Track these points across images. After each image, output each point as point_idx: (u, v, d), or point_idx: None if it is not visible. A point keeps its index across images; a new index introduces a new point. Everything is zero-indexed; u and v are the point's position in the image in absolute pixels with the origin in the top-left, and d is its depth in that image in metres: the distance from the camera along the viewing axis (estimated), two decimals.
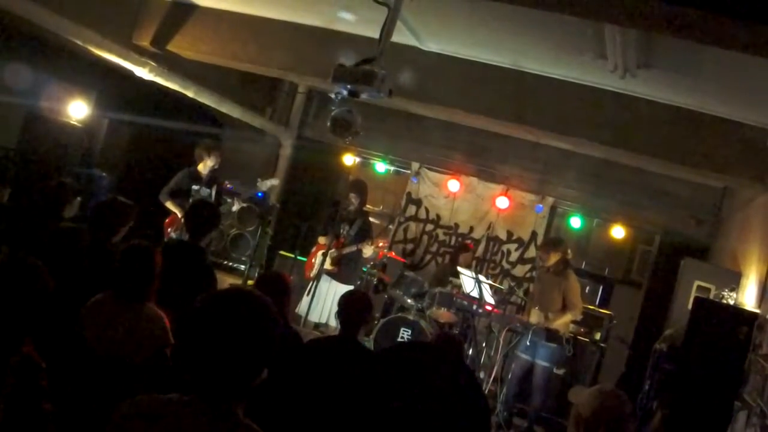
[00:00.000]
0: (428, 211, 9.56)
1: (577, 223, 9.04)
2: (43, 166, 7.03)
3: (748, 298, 5.80)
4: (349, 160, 9.72)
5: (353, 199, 7.16)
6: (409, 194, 9.63)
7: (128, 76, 7.12)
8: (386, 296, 8.14)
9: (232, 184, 8.39)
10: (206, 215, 4.63)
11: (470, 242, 9.04)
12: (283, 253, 8.77)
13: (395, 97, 4.45)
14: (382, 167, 9.74)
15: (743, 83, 4.93)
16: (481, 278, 6.97)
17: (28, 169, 7.00)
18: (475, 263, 8.86)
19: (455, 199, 9.39)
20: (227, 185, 8.13)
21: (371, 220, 7.74)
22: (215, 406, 1.71)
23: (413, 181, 9.60)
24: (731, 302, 5.84)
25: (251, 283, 5.97)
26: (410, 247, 9.56)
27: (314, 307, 6.95)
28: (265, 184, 7.53)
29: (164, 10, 7.02)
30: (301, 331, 5.26)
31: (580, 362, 7.26)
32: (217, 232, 6.46)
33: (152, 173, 7.47)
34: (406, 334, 7.02)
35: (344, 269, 7.13)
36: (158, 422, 1.70)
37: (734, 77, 4.87)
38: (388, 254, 8.06)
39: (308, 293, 6.93)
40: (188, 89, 7.58)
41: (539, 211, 9.09)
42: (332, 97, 4.43)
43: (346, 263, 7.14)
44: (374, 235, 7.29)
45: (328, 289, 7.07)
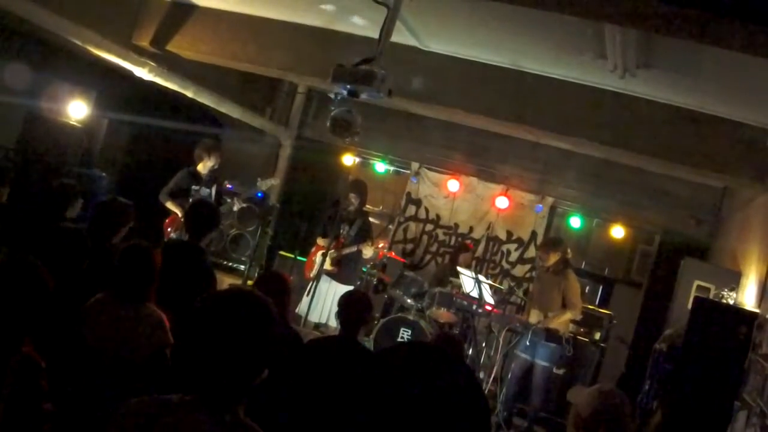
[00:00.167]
0: (428, 211, 9.56)
1: (577, 223, 9.04)
2: (42, 166, 7.02)
3: (748, 297, 5.79)
4: (348, 160, 9.72)
5: (353, 199, 7.15)
6: (408, 194, 9.63)
7: (128, 76, 7.13)
8: (386, 296, 8.15)
9: (232, 184, 8.39)
10: (206, 215, 4.63)
11: (470, 242, 9.04)
12: (283, 253, 8.78)
13: (395, 97, 4.45)
14: (381, 167, 9.74)
15: (743, 83, 4.92)
16: (480, 278, 6.97)
17: (27, 169, 7.00)
18: (474, 263, 8.85)
19: (455, 199, 9.39)
20: (227, 185, 8.13)
21: (371, 220, 7.74)
22: (216, 406, 1.71)
23: (413, 181, 9.60)
24: (731, 302, 5.84)
25: (251, 283, 5.97)
26: (410, 247, 9.56)
27: (314, 307, 6.95)
28: (265, 183, 7.53)
29: (164, 10, 7.02)
30: (301, 331, 5.26)
31: (580, 362, 7.26)
32: (217, 232, 6.45)
33: (152, 173, 7.46)
34: (406, 334, 7.02)
35: (344, 269, 7.13)
36: (159, 423, 1.70)
37: (734, 77, 4.87)
38: (388, 254, 8.06)
39: (308, 293, 6.92)
40: (188, 89, 7.58)
41: (539, 211, 9.09)
42: (332, 97, 4.43)
43: (346, 263, 7.14)
44: (374, 235, 7.29)
45: (328, 289, 7.07)
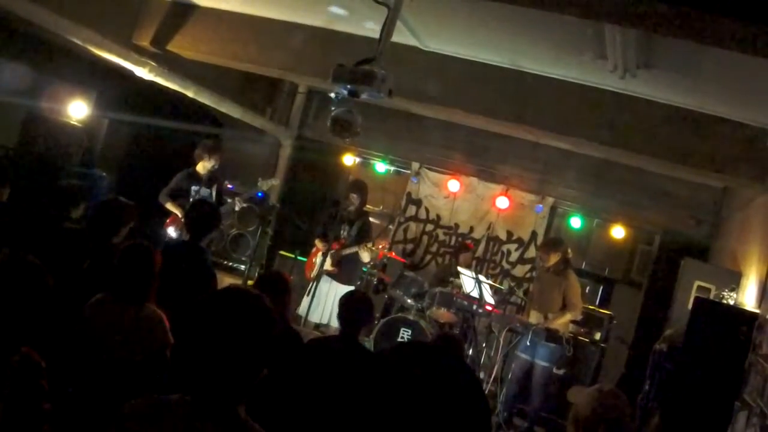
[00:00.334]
0: (428, 211, 9.55)
1: (577, 223, 9.04)
2: (43, 166, 7.02)
3: (748, 298, 5.79)
4: (349, 160, 9.72)
5: (353, 199, 7.14)
6: (409, 194, 9.63)
7: (128, 76, 7.13)
8: (386, 296, 8.14)
9: (232, 184, 8.39)
10: (207, 215, 4.64)
11: (470, 242, 9.04)
12: (283, 253, 8.77)
13: (395, 97, 4.44)
14: (382, 167, 9.74)
15: (743, 83, 4.92)
16: (481, 278, 6.97)
17: (27, 169, 6.99)
18: (475, 263, 8.85)
19: (455, 199, 9.39)
20: (227, 185, 8.13)
21: (372, 220, 7.73)
22: (216, 406, 1.71)
23: (413, 181, 9.60)
24: (731, 302, 5.84)
25: (251, 283, 5.97)
26: (410, 247, 9.56)
27: (314, 307, 6.95)
28: (266, 183, 7.53)
29: (164, 10, 7.02)
30: (301, 331, 5.26)
31: (580, 362, 7.26)
32: (217, 232, 6.45)
33: (152, 173, 7.46)
34: (406, 334, 7.02)
35: (344, 270, 7.12)
36: (159, 423, 1.70)
37: (734, 77, 4.86)
38: (388, 254, 8.06)
39: (308, 294, 6.92)
40: (188, 89, 7.58)
41: (539, 211, 9.09)
42: (332, 97, 4.43)
43: (346, 264, 7.13)
44: (374, 236, 7.28)
45: (328, 289, 7.07)
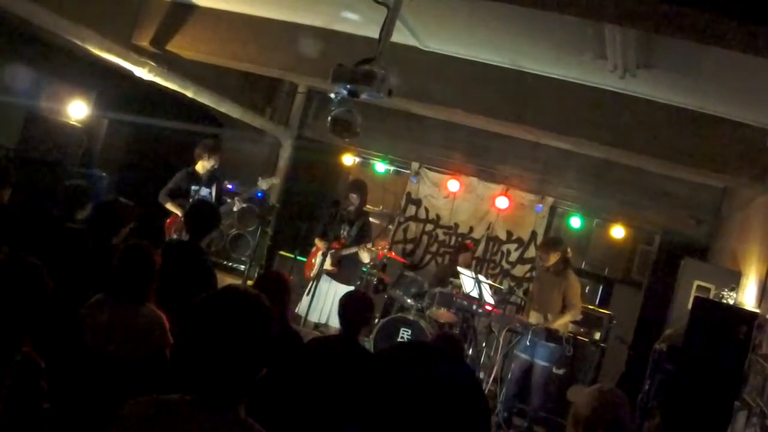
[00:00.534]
0: (428, 211, 9.55)
1: (577, 223, 9.04)
2: (43, 166, 7.02)
3: (748, 297, 5.79)
4: (349, 160, 9.72)
5: (353, 199, 7.14)
6: (408, 194, 9.63)
7: (128, 76, 7.12)
8: (386, 296, 8.14)
9: (232, 184, 8.38)
10: (206, 215, 4.63)
11: (470, 242, 9.04)
12: (283, 253, 8.77)
13: (395, 97, 4.45)
14: (382, 167, 9.74)
15: (743, 83, 4.92)
16: (480, 278, 6.97)
17: (28, 169, 6.99)
18: (474, 263, 8.85)
19: (455, 199, 9.39)
20: (227, 185, 8.13)
21: (371, 220, 7.73)
22: (216, 405, 1.71)
23: (413, 181, 9.60)
24: (731, 302, 5.84)
25: (251, 283, 5.97)
26: (410, 247, 9.56)
27: (314, 307, 6.95)
28: (266, 182, 7.52)
29: (164, 10, 7.02)
30: (301, 331, 5.26)
31: (580, 362, 7.26)
32: (217, 232, 6.45)
33: (152, 173, 7.46)
34: (406, 334, 7.02)
35: (344, 270, 7.12)
36: (160, 423, 1.70)
37: (734, 77, 4.86)
38: (388, 254, 8.06)
39: (308, 293, 6.92)
40: (188, 89, 7.57)
41: (539, 211, 9.09)
42: (332, 97, 4.43)
43: (346, 264, 7.13)
44: (374, 236, 7.28)
45: (328, 289, 7.07)
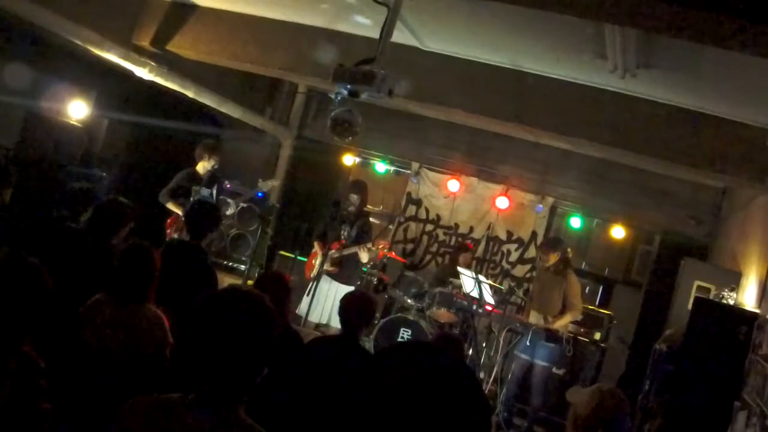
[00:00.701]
0: (428, 211, 9.56)
1: (577, 223, 9.04)
2: (43, 166, 7.02)
3: (748, 298, 5.79)
4: (349, 160, 9.73)
5: (353, 199, 7.14)
6: (409, 194, 9.64)
7: (128, 76, 7.13)
8: (386, 296, 8.14)
9: (232, 184, 8.39)
10: (207, 215, 4.64)
11: (470, 242, 9.04)
12: (283, 253, 8.77)
13: (395, 97, 4.45)
14: (382, 167, 9.74)
15: (743, 83, 4.92)
16: (481, 278, 6.97)
17: (28, 169, 6.99)
18: (475, 263, 8.86)
19: (455, 199, 9.40)
20: (227, 185, 8.14)
21: (371, 220, 7.73)
22: (216, 405, 1.71)
23: (413, 181, 9.60)
24: (731, 302, 5.84)
25: (251, 283, 5.97)
26: (410, 247, 9.56)
27: (314, 307, 6.94)
28: (266, 184, 7.54)
29: (164, 10, 7.02)
30: (301, 331, 5.26)
31: (580, 362, 7.26)
32: (217, 232, 6.46)
33: (152, 173, 7.47)
34: (406, 334, 7.02)
35: (344, 270, 7.11)
36: (160, 423, 1.70)
37: (734, 77, 4.86)
38: (388, 254, 8.06)
39: (308, 294, 6.91)
40: (188, 89, 7.58)
41: (539, 211, 9.10)
42: (332, 97, 4.43)
43: (346, 264, 7.12)
44: (374, 237, 7.28)
45: (328, 289, 7.06)
